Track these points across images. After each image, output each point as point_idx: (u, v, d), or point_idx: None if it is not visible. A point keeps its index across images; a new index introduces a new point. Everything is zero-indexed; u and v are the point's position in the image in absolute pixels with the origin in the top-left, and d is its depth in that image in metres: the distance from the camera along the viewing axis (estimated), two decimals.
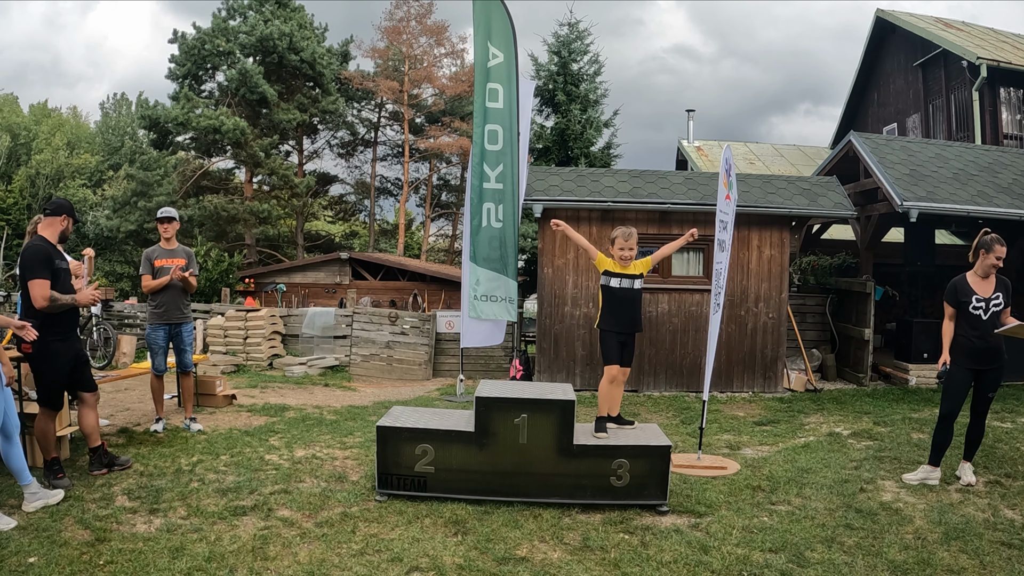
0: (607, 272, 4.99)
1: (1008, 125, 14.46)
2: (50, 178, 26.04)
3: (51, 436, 4.68)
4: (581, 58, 18.33)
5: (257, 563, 3.59)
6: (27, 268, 4.49)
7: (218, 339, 11.64)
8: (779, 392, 9.55)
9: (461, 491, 4.53)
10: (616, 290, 4.96)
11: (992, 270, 5.01)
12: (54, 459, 4.66)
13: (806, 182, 10.28)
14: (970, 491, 4.93)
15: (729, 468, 5.53)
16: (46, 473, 4.63)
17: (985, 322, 4.94)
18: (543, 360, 9.60)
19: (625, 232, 4.99)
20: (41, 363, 4.62)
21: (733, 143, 18.72)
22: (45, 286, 4.48)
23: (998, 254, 5.00)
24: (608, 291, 5.01)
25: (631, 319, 5.00)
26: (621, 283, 4.95)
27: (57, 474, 4.62)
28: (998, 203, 9.43)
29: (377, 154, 29.97)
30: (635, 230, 5.09)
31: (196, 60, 23.61)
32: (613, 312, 4.99)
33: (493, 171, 8.29)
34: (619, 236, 5.00)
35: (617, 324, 4.97)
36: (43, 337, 4.46)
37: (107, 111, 33.98)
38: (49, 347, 4.57)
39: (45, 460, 4.65)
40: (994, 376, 5.03)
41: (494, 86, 8.18)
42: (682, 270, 9.64)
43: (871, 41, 18.49)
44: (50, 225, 4.72)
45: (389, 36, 26.74)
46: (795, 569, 3.66)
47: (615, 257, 4.99)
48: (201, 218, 22.69)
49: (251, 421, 6.99)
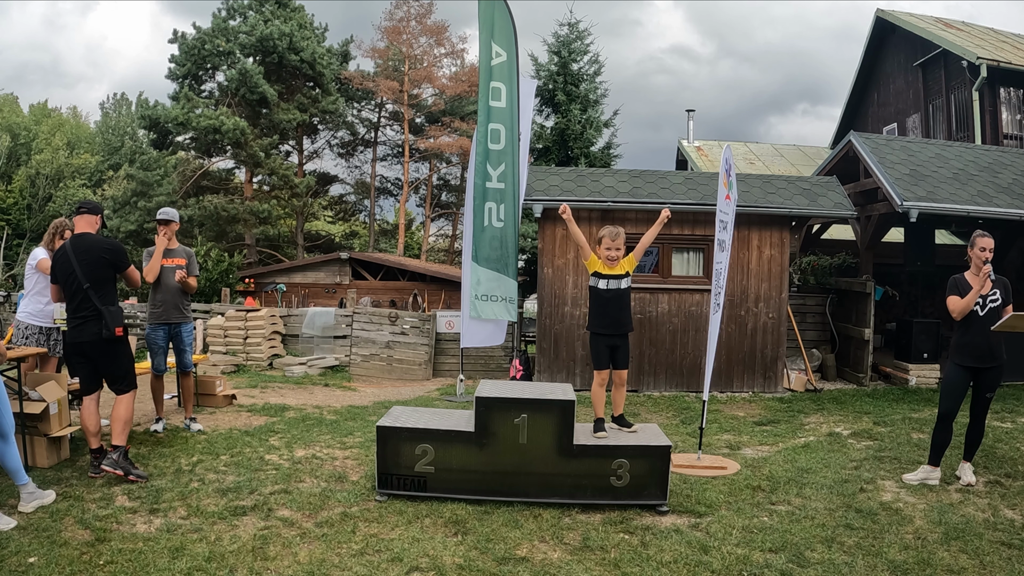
0: (595, 274, 4.97)
1: (1008, 125, 14.46)
2: (50, 178, 26.04)
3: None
4: (581, 58, 18.34)
5: (257, 563, 3.59)
6: (121, 258, 4.99)
7: (218, 339, 11.64)
8: (779, 392, 9.55)
9: (461, 491, 4.53)
10: (602, 291, 4.93)
11: (982, 263, 4.97)
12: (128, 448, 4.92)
13: (806, 182, 10.28)
14: (970, 491, 4.93)
15: (729, 468, 5.53)
16: (124, 463, 4.77)
17: (982, 319, 4.94)
18: (543, 360, 9.60)
19: (612, 232, 4.93)
20: (127, 346, 5.02)
21: (733, 143, 18.71)
22: (135, 270, 5.10)
23: (980, 246, 4.99)
24: (595, 292, 4.99)
25: (617, 320, 4.95)
26: (608, 284, 4.91)
27: (135, 464, 4.87)
28: (998, 203, 9.43)
29: (377, 154, 29.99)
30: (622, 230, 5.02)
31: (196, 60, 23.62)
32: (600, 313, 4.96)
33: (495, 170, 8.29)
34: (605, 236, 4.93)
35: (604, 326, 4.94)
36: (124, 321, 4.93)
37: (107, 111, 34.01)
38: (126, 331, 5.00)
39: (124, 449, 4.83)
40: (992, 376, 5.02)
41: (497, 85, 8.17)
42: (682, 270, 9.64)
43: (871, 41, 18.49)
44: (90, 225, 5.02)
45: (389, 36, 26.75)
46: (795, 569, 3.66)
47: (601, 257, 4.93)
48: (201, 218, 22.70)
49: (251, 421, 6.99)
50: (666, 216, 5.20)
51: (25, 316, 5.87)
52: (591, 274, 5.00)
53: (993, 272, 4.99)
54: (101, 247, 4.89)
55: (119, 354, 4.94)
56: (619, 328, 4.96)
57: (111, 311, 4.80)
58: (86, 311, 4.76)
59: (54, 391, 5.23)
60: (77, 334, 4.80)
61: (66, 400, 5.38)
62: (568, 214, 5.09)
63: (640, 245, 5.09)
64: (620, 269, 4.95)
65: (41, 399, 5.10)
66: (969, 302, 4.94)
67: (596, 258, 4.98)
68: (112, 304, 4.86)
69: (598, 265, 4.95)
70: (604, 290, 4.93)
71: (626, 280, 4.97)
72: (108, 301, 4.84)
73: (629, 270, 5.00)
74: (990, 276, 4.93)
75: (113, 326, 4.79)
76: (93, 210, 5.08)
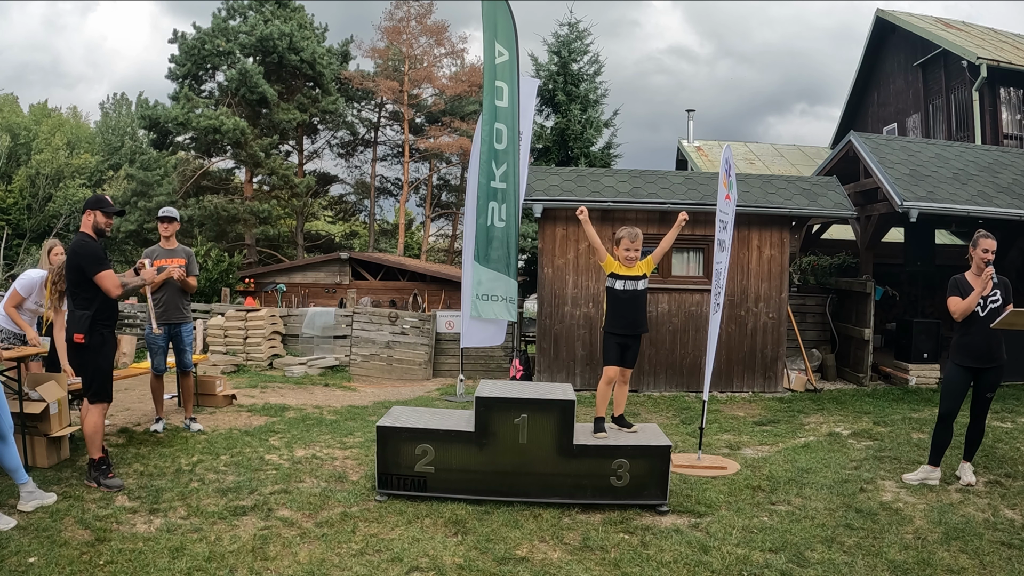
0: (612, 274, 5.02)
1: (1008, 125, 14.46)
2: (50, 178, 26.01)
3: (101, 432, 4.74)
4: (581, 58, 18.34)
5: (257, 563, 3.59)
6: (88, 264, 4.60)
7: (218, 339, 11.63)
8: (779, 392, 9.55)
9: (461, 491, 4.53)
10: (620, 292, 4.98)
11: (984, 264, 4.98)
12: (102, 458, 4.68)
13: (806, 182, 10.28)
14: (970, 491, 4.93)
15: (729, 468, 5.53)
16: (94, 473, 4.63)
17: (982, 319, 4.93)
18: (543, 360, 9.60)
19: (631, 233, 5.00)
20: (96, 354, 4.70)
21: (733, 143, 18.71)
22: (111, 275, 4.70)
23: (983, 247, 4.99)
24: (612, 293, 5.03)
25: (634, 320, 4.99)
26: (625, 285, 4.97)
27: (107, 473, 4.65)
28: (998, 203, 9.43)
29: (377, 154, 29.97)
30: (640, 231, 5.09)
31: (196, 60, 23.61)
32: (616, 314, 5.00)
33: (499, 170, 8.28)
34: (625, 237, 5.00)
35: (620, 326, 4.98)
36: (97, 328, 4.67)
37: (107, 111, 33.95)
38: (104, 336, 4.73)
39: (92, 459, 4.66)
40: (992, 376, 5.01)
41: (500, 84, 8.17)
42: (682, 270, 9.64)
43: (871, 41, 18.49)
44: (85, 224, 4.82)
45: (389, 36, 26.74)
46: (795, 569, 3.66)
47: (620, 258, 4.99)
48: (201, 218, 22.69)
49: (251, 421, 6.99)
50: (684, 219, 5.27)
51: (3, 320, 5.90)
52: (608, 275, 5.05)
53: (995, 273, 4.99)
54: (72, 249, 4.73)
55: (84, 361, 4.73)
56: (635, 329, 5.01)
57: (75, 315, 4.65)
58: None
59: (54, 391, 5.23)
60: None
61: (66, 400, 5.38)
62: (585, 215, 5.14)
63: (660, 249, 5.16)
64: (638, 270, 5.01)
65: (41, 399, 5.10)
66: (971, 303, 4.94)
67: (612, 259, 5.03)
68: (83, 308, 4.64)
69: (615, 266, 5.01)
70: (621, 291, 4.97)
71: (643, 281, 5.03)
72: (80, 305, 4.66)
73: (647, 272, 5.05)
74: (992, 278, 4.94)
75: (71, 332, 4.64)
76: (87, 207, 4.85)
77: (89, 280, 4.63)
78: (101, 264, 4.63)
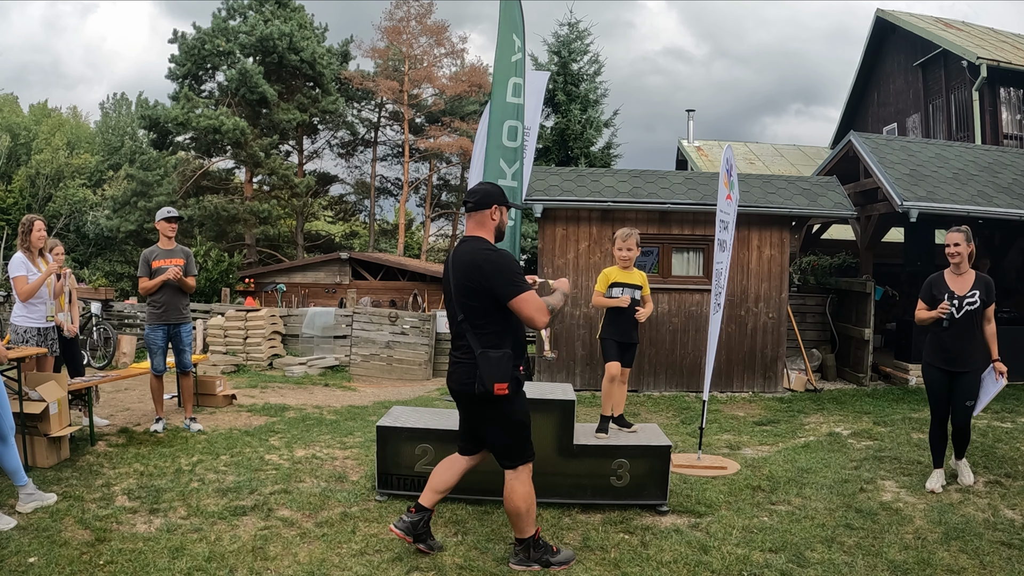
0: (611, 285, 5.07)
1: (1008, 125, 14.46)
2: (50, 178, 26.00)
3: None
4: (581, 58, 18.36)
5: (257, 563, 3.59)
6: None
7: (218, 339, 11.63)
8: (779, 392, 9.55)
9: (461, 491, 4.51)
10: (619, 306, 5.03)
11: (952, 259, 4.90)
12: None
13: (806, 182, 10.28)
14: (970, 491, 4.93)
15: (729, 468, 5.53)
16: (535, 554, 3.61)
17: (957, 321, 4.81)
18: (543, 360, 9.59)
19: (623, 233, 5.07)
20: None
21: (733, 143, 18.72)
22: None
23: (948, 240, 4.93)
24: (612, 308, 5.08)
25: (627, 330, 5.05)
26: (623, 292, 5.03)
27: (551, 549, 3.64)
28: (998, 203, 9.43)
29: (377, 154, 29.95)
30: (636, 232, 5.16)
31: (196, 60, 23.59)
32: (614, 322, 5.05)
33: (510, 168, 8.25)
34: (619, 237, 5.07)
35: (616, 334, 5.05)
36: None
37: (107, 111, 33.93)
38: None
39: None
40: (967, 382, 4.84)
41: (517, 80, 8.13)
42: (682, 270, 9.63)
43: (871, 41, 18.49)
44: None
45: (389, 36, 26.72)
46: (795, 569, 3.66)
47: (616, 258, 5.06)
48: (201, 218, 22.68)
49: (251, 421, 6.99)
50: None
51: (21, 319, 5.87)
52: (609, 286, 5.08)
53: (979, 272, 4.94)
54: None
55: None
56: (629, 339, 5.07)
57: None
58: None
59: (54, 391, 5.23)
60: None
61: (66, 400, 5.38)
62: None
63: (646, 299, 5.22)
64: (637, 279, 5.08)
65: (41, 399, 5.10)
66: (929, 318, 4.91)
67: (608, 274, 5.09)
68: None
69: (613, 275, 5.06)
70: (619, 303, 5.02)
71: (638, 292, 5.08)
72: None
73: (641, 284, 5.11)
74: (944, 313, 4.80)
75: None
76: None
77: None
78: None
